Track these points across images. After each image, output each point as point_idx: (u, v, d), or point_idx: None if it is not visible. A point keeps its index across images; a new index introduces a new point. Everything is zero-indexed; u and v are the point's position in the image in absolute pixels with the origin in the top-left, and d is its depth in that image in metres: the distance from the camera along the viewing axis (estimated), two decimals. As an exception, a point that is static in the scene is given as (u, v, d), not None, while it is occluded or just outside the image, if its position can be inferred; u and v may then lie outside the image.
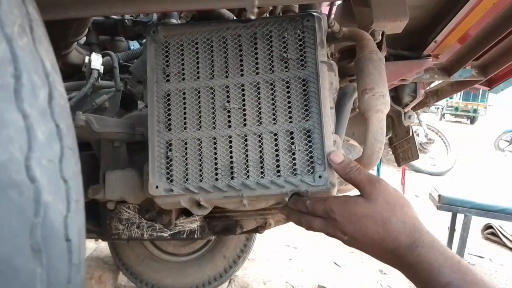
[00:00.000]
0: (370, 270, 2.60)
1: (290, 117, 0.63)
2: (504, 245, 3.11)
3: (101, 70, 1.05)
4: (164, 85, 0.66)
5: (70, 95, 1.00)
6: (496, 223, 3.21)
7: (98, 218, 1.02)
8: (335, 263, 2.67)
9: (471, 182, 5.73)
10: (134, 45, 1.37)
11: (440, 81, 1.64)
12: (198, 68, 0.66)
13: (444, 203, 2.65)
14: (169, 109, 0.65)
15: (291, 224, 1.38)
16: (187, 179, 0.63)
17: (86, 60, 1.05)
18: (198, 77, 0.66)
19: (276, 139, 0.63)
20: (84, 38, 1.23)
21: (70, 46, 1.04)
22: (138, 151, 0.81)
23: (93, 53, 1.07)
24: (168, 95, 0.66)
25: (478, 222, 3.41)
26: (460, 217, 2.68)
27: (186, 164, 0.64)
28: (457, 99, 11.80)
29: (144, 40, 1.34)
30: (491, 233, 3.27)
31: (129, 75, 1.10)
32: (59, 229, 0.32)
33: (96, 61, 1.04)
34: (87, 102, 1.02)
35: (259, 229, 1.18)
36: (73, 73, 1.14)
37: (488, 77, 1.37)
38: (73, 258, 0.33)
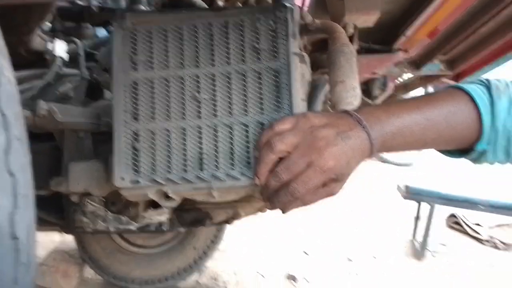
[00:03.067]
0: (338, 258, 2.66)
1: (262, 109, 0.63)
2: (466, 233, 3.25)
3: (66, 58, 1.00)
4: (131, 73, 0.64)
5: (32, 84, 0.95)
6: (460, 212, 3.35)
7: (61, 211, 0.98)
8: (304, 252, 2.71)
9: (437, 172, 5.94)
10: (101, 32, 1.32)
11: (409, 75, 1.68)
12: (167, 57, 0.64)
13: (411, 193, 2.74)
14: (136, 99, 0.63)
15: (262, 215, 1.39)
16: (154, 171, 0.61)
17: (50, 47, 1.00)
18: (167, 66, 0.64)
19: (247, 131, 0.62)
20: (49, 25, 1.17)
21: (33, 32, 0.99)
22: (104, 142, 0.79)
23: (57, 39, 1.02)
24: (136, 84, 0.63)
25: (443, 212, 3.55)
26: (426, 207, 2.78)
27: (154, 155, 0.62)
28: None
29: (111, 28, 1.29)
30: (454, 222, 3.41)
31: (95, 63, 1.06)
32: (3, 226, 0.29)
33: (60, 48, 1.00)
34: (50, 91, 0.97)
35: (230, 220, 1.18)
36: (36, 60, 1.09)
37: (455, 72, 1.41)
38: (20, 257, 0.30)
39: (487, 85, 0.60)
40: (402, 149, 0.61)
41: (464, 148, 0.63)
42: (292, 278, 2.32)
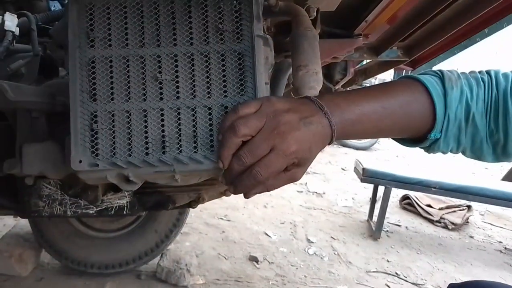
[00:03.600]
0: (299, 240, 2.73)
1: (225, 91, 0.62)
2: (419, 214, 3.43)
3: (17, 32, 0.94)
4: (88, 51, 0.61)
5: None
6: (412, 194, 3.52)
7: (15, 194, 0.94)
8: (265, 233, 2.76)
9: (393, 156, 6.19)
10: (55, 5, 1.24)
11: (369, 60, 1.71)
12: (126, 34, 0.61)
13: (367, 176, 2.84)
14: (94, 78, 0.60)
15: (224, 198, 1.39)
16: (114, 153, 0.59)
17: (-1, 20, 0.93)
18: (127, 44, 0.61)
19: (210, 114, 0.61)
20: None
21: (-21, 4, 0.92)
22: (60, 123, 0.75)
23: (7, 13, 0.95)
24: (93, 62, 0.60)
25: (397, 193, 3.72)
26: (381, 189, 2.90)
27: (114, 138, 0.60)
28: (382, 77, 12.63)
29: (65, 1, 1.22)
30: (408, 203, 3.59)
31: (49, 38, 1.00)
32: None
33: (11, 21, 0.93)
34: (0, 68, 0.91)
35: (192, 204, 1.17)
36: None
37: (412, 58, 1.46)
38: None
39: (440, 77, 0.63)
40: (359, 136, 0.63)
41: (418, 137, 0.65)
42: (254, 259, 2.36)
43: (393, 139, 0.71)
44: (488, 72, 0.65)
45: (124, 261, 1.98)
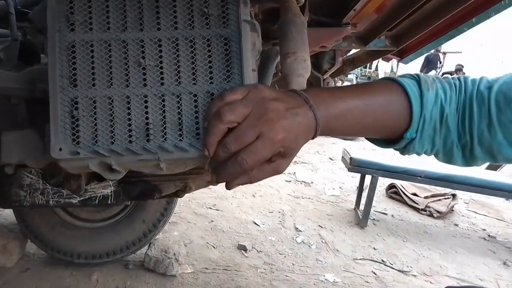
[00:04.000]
0: (287, 228, 2.74)
1: (211, 78, 0.60)
2: (405, 202, 3.48)
3: (-6, 16, 0.91)
4: (68, 35, 0.58)
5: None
6: (399, 183, 3.56)
7: (-5, 184, 0.91)
8: (254, 222, 2.77)
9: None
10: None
11: (357, 50, 1.71)
12: (108, 18, 0.59)
13: (355, 165, 2.86)
14: (74, 63, 0.58)
15: (212, 187, 1.38)
16: (96, 141, 0.58)
17: (-25, 3, 0.90)
18: (108, 28, 0.59)
19: (196, 100, 0.60)
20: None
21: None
22: (40, 110, 0.73)
23: (-17, -5, 0.92)
24: (73, 46, 0.58)
25: (384, 182, 3.76)
26: (368, 178, 2.93)
27: (95, 125, 0.58)
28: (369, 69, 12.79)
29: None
30: (394, 192, 3.63)
31: (29, 23, 0.97)
32: None
33: (-12, 5, 0.90)
34: (-23, 53, 0.88)
35: (179, 193, 1.16)
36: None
37: (399, 48, 1.46)
38: None
39: (417, 79, 0.66)
40: (342, 132, 0.64)
41: (394, 138, 0.67)
42: (242, 248, 2.37)
43: (369, 140, 0.73)
44: (459, 78, 0.68)
45: (111, 251, 1.96)
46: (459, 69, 11.56)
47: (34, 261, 2.03)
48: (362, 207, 3.00)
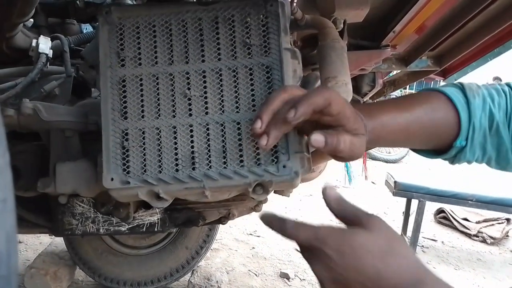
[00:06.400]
0: (331, 256, 2.66)
1: (254, 105, 0.61)
2: (455, 228, 3.29)
3: (50, 55, 0.97)
4: (119, 70, 0.62)
5: (16, 81, 0.92)
6: (447, 207, 3.38)
7: (49, 213, 0.96)
8: (296, 249, 2.71)
9: (425, 168, 6.00)
10: (87, 28, 1.29)
11: (397, 71, 1.68)
12: (156, 52, 0.62)
13: (400, 189, 2.76)
14: (124, 96, 0.61)
15: (254, 214, 1.38)
16: (145, 171, 0.60)
17: (34, 44, 0.97)
18: (156, 62, 0.62)
19: (239, 128, 0.61)
20: (32, 20, 1.14)
21: (16, 28, 0.96)
22: (92, 142, 0.77)
23: (41, 36, 0.99)
24: (124, 81, 0.62)
25: (431, 207, 3.59)
26: (414, 202, 2.80)
27: (144, 155, 0.60)
28: (409, 89, 12.44)
29: (97, 23, 1.26)
30: (443, 217, 3.45)
31: (81, 60, 1.03)
32: None
33: (45, 44, 0.97)
34: (35, 89, 0.94)
35: (222, 220, 1.17)
36: (19, 57, 1.05)
37: (442, 67, 1.42)
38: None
39: (461, 87, 0.64)
40: (388, 141, 0.64)
41: (443, 148, 0.66)
42: (285, 276, 2.32)
43: (417, 152, 0.72)
44: (508, 84, 0.66)
45: (156, 278, 1.98)
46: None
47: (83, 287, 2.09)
48: (409, 233, 2.86)
